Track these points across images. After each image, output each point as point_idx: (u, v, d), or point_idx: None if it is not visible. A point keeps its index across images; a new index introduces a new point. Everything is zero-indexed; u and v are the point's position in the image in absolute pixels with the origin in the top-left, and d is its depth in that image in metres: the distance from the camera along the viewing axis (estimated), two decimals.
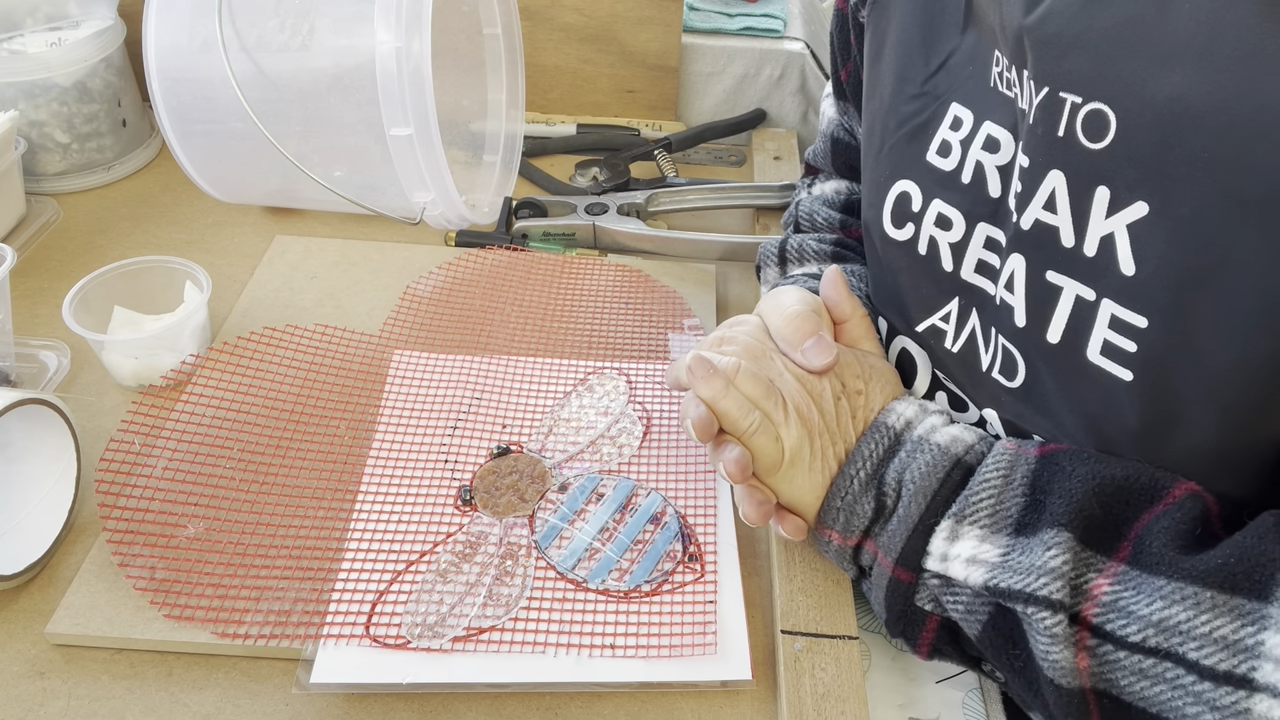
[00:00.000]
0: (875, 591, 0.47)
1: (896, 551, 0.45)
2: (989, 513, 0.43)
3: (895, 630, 0.47)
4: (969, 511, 0.44)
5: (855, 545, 0.48)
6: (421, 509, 0.58)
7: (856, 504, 0.47)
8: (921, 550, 0.44)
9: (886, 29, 0.54)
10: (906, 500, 0.45)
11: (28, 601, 0.54)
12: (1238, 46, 0.35)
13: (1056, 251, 0.42)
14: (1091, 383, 0.42)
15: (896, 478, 0.47)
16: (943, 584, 0.44)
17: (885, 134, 0.53)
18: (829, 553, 0.50)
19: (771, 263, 0.66)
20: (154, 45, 0.75)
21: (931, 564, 0.44)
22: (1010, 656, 0.42)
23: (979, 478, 0.44)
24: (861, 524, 0.47)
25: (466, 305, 0.74)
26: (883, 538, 0.46)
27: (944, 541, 0.44)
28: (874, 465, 0.47)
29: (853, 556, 0.49)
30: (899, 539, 0.45)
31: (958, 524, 0.44)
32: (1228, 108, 0.35)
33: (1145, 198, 0.38)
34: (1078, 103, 0.40)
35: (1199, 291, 0.37)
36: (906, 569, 0.45)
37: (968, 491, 0.44)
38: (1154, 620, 0.37)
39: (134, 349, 0.66)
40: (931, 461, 0.46)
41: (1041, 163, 0.42)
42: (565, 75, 1.00)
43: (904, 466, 0.47)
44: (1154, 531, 0.39)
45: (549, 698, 0.50)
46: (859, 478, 0.48)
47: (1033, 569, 0.40)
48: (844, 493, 0.48)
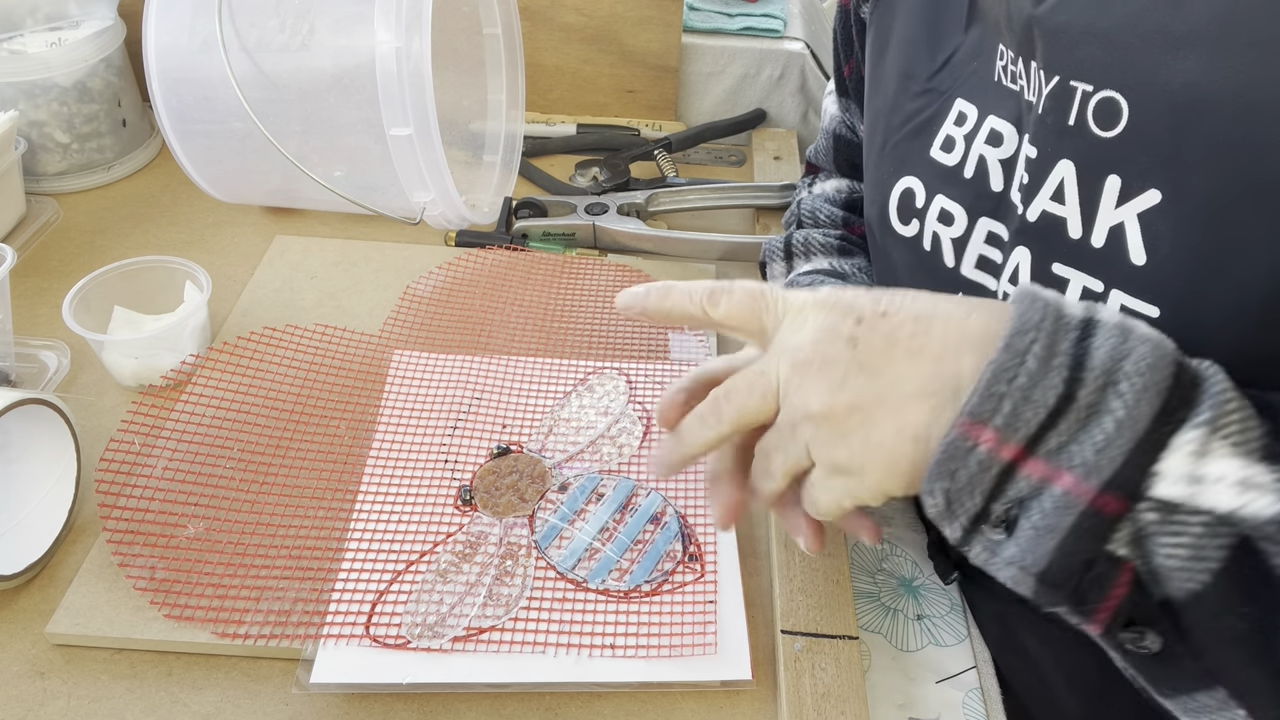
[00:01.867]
0: (1035, 541, 0.34)
1: (1112, 468, 0.33)
2: (1240, 429, 0.33)
3: (1059, 592, 0.34)
4: (1222, 421, 0.33)
5: (1011, 460, 0.34)
6: (421, 509, 0.58)
7: (1035, 386, 0.33)
8: (1147, 469, 0.33)
9: (890, 26, 0.54)
10: (1130, 397, 0.33)
11: (28, 601, 0.54)
12: (1253, 31, 0.35)
13: (1063, 243, 0.42)
14: None
15: (1108, 364, 0.33)
16: (1163, 518, 0.33)
17: (889, 131, 0.53)
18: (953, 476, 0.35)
19: (777, 258, 0.66)
20: (154, 45, 0.75)
21: (1165, 489, 0.32)
22: (1235, 616, 0.32)
23: (1217, 383, 0.34)
24: (1037, 417, 0.33)
25: (466, 305, 0.74)
26: (1078, 451, 0.33)
27: (1189, 458, 0.32)
28: (1050, 335, 0.34)
29: (994, 486, 0.34)
30: (1117, 451, 0.32)
31: (1210, 435, 0.32)
32: (1243, 93, 0.35)
33: (1158, 185, 0.38)
34: (1089, 91, 0.40)
35: (1212, 279, 0.37)
36: (1119, 494, 0.33)
37: (1215, 394, 0.33)
38: None
39: (134, 349, 0.66)
40: (1155, 353, 0.33)
41: (1050, 153, 0.42)
42: (565, 75, 1.00)
43: (1118, 354, 0.33)
44: None
45: (549, 698, 0.50)
46: (1034, 351, 0.34)
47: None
48: (1014, 373, 0.34)
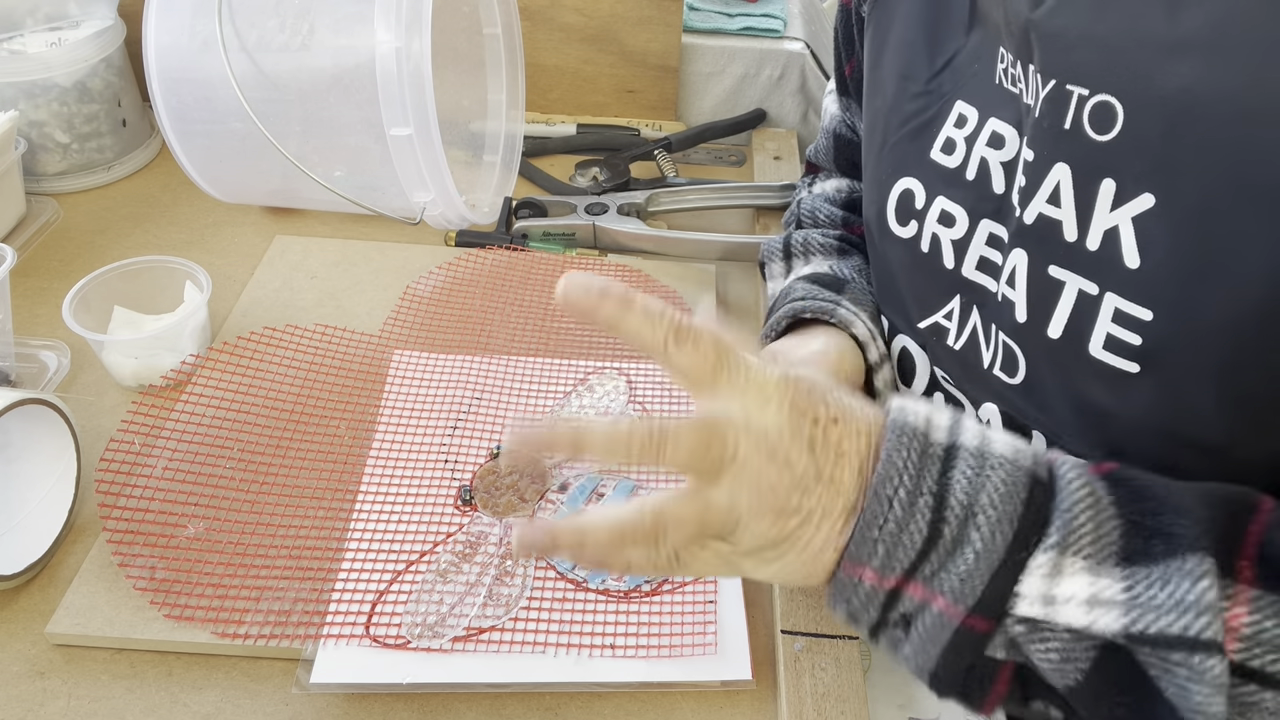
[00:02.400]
0: (922, 647, 0.37)
1: (974, 596, 0.35)
2: (1091, 539, 0.35)
3: (949, 688, 0.37)
4: (1071, 541, 0.35)
5: (894, 588, 0.37)
6: (421, 509, 0.58)
7: (903, 531, 0.36)
8: (1008, 592, 0.35)
9: (889, 27, 0.54)
10: (988, 530, 0.35)
11: (28, 601, 0.54)
12: (1247, 36, 0.35)
13: (1059, 246, 0.42)
14: (1093, 378, 0.42)
15: (965, 499, 0.36)
16: (1030, 630, 0.35)
17: (888, 131, 0.54)
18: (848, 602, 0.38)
19: (777, 259, 0.66)
20: (154, 45, 0.75)
21: (1025, 608, 0.35)
22: (1112, 704, 0.35)
23: (1068, 496, 0.36)
24: (909, 557, 0.36)
25: (466, 305, 0.74)
26: (946, 579, 0.36)
27: (1043, 579, 0.35)
28: (914, 478, 0.36)
29: (884, 603, 0.37)
30: (978, 580, 0.35)
31: (1060, 556, 0.35)
32: (1237, 97, 0.35)
33: (1152, 189, 0.38)
34: (1085, 95, 0.40)
35: (1205, 283, 0.37)
36: (985, 616, 0.35)
37: (1063, 513, 0.35)
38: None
39: (134, 349, 0.66)
40: (1009, 480, 0.36)
41: (1046, 156, 0.43)
42: (565, 75, 1.00)
43: (974, 487, 0.36)
44: (1277, 544, 0.35)
45: (549, 698, 0.50)
46: (899, 497, 0.36)
47: (1183, 605, 0.33)
48: (883, 519, 0.36)
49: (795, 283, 0.61)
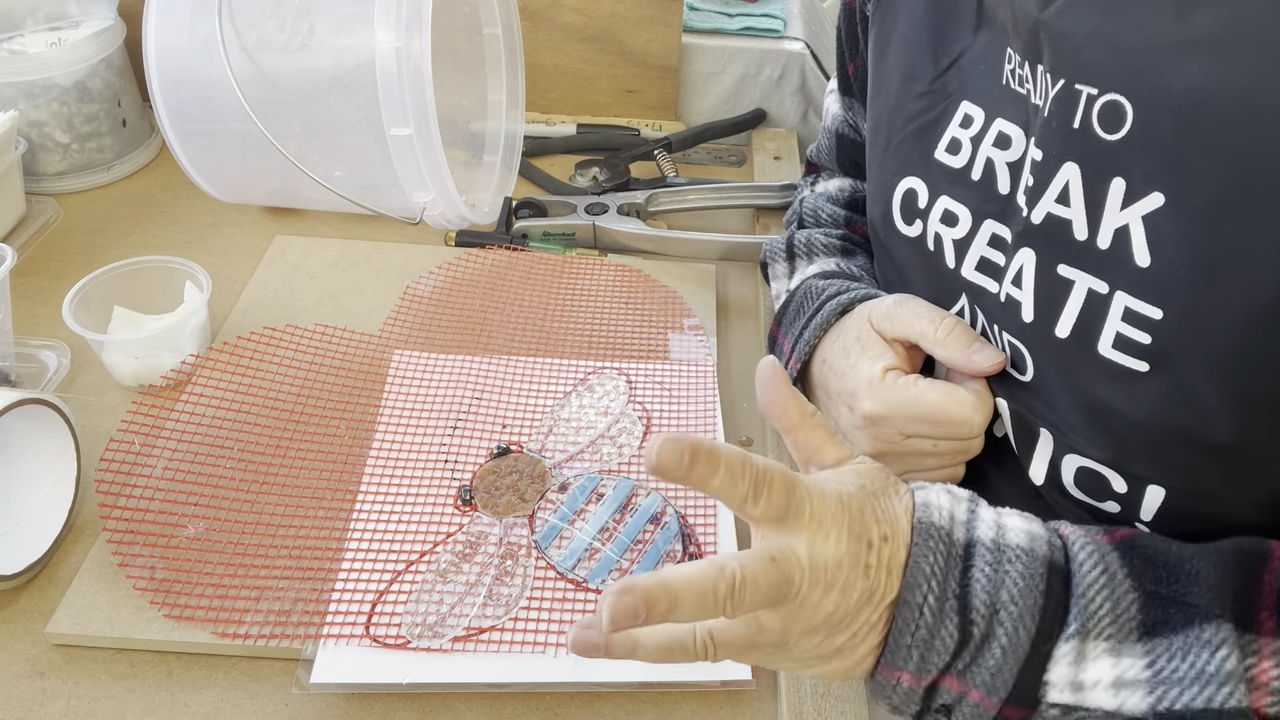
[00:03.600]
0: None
1: (1006, 688, 0.37)
2: (1111, 620, 0.37)
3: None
4: (1091, 626, 0.37)
5: (932, 684, 0.39)
6: (421, 509, 0.58)
7: (935, 637, 0.37)
8: (1038, 682, 0.37)
9: (893, 26, 0.54)
10: (1010, 626, 0.37)
11: (28, 601, 0.54)
12: (1257, 35, 0.35)
13: (1069, 245, 0.42)
14: (1102, 377, 0.42)
15: (987, 599, 0.37)
16: (1064, 713, 0.37)
17: (891, 131, 0.53)
18: (889, 699, 0.40)
19: (779, 259, 0.66)
20: (154, 45, 0.75)
21: (1056, 695, 0.37)
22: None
23: (1083, 579, 0.38)
24: (943, 659, 0.38)
25: (466, 305, 0.74)
26: (978, 673, 0.38)
27: (1069, 667, 0.37)
28: (940, 582, 0.38)
29: (925, 699, 0.39)
30: (1008, 673, 0.37)
31: (1083, 642, 0.37)
32: (1247, 96, 0.35)
33: (1161, 188, 0.38)
34: (1094, 94, 0.40)
35: (1215, 281, 0.37)
36: (1019, 705, 0.37)
37: (1080, 598, 0.37)
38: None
39: (134, 349, 0.66)
40: (1026, 573, 0.37)
41: (1055, 155, 0.42)
42: (565, 75, 1.00)
43: (994, 584, 0.38)
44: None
45: (549, 698, 0.50)
46: (929, 604, 0.38)
47: (1205, 677, 0.34)
48: (915, 626, 0.38)
49: (812, 280, 0.61)
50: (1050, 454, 0.46)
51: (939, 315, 0.50)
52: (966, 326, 0.49)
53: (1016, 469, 0.49)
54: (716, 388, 0.68)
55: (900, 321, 0.51)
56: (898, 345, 0.52)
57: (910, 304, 0.51)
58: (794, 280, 0.64)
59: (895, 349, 0.51)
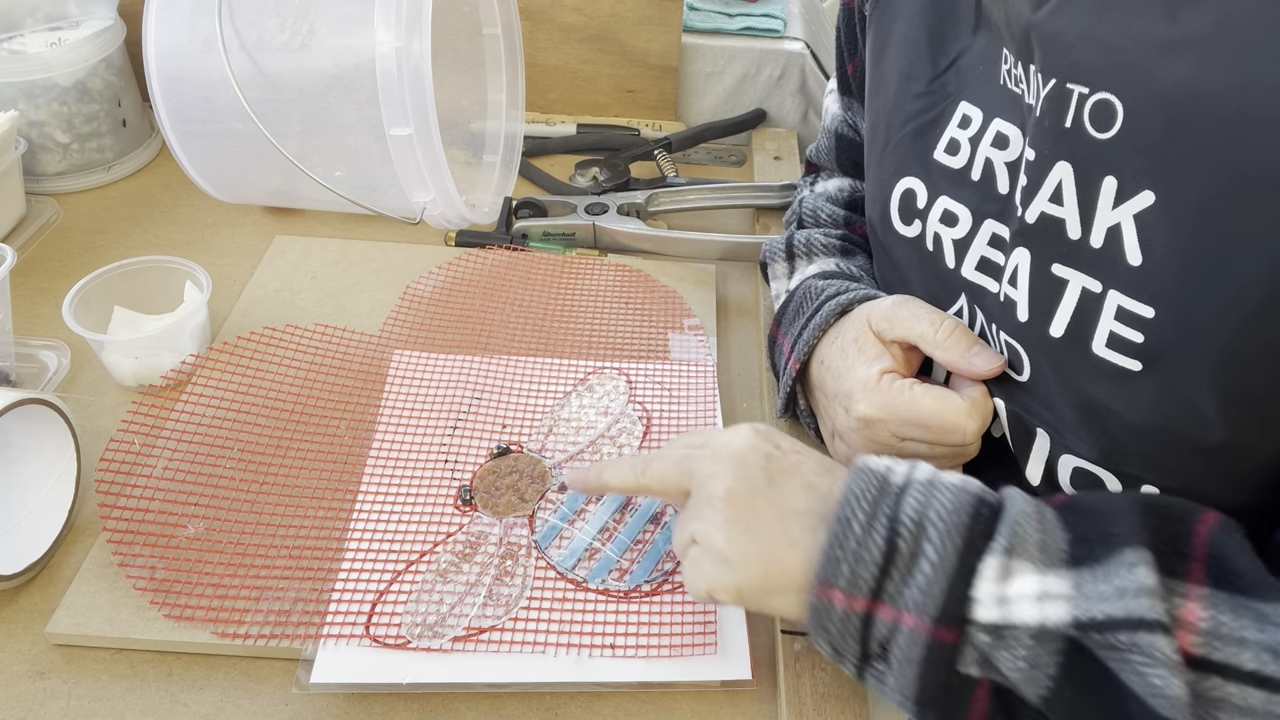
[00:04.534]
0: (901, 671, 0.38)
1: (936, 605, 0.37)
2: (1039, 545, 0.38)
3: (932, 713, 0.39)
4: (1017, 545, 0.37)
5: (865, 611, 0.39)
6: (421, 509, 0.58)
7: (863, 548, 0.39)
8: (966, 598, 0.37)
9: (890, 27, 0.54)
10: (937, 539, 0.38)
11: (28, 601, 0.54)
12: (1245, 34, 0.35)
13: (1063, 244, 0.42)
14: (1096, 376, 0.42)
15: (914, 517, 0.39)
16: (995, 638, 0.37)
17: (890, 131, 0.53)
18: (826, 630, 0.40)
19: (779, 259, 0.66)
20: (154, 45, 0.75)
21: (983, 613, 0.37)
22: (1089, 708, 0.36)
23: (1012, 509, 0.39)
24: (870, 574, 0.39)
25: (466, 305, 0.74)
26: (909, 594, 0.38)
27: (995, 583, 0.37)
28: (870, 504, 0.40)
29: (860, 631, 0.39)
30: (937, 590, 0.37)
31: (1008, 559, 0.37)
32: (1236, 93, 0.35)
33: (1152, 187, 0.39)
34: (1085, 93, 0.40)
35: (1207, 279, 0.37)
36: (949, 625, 0.37)
37: (1009, 522, 0.38)
38: (1268, 645, 0.33)
39: (134, 349, 0.66)
40: (955, 498, 0.39)
41: (1048, 155, 0.43)
42: (565, 75, 1.00)
43: (923, 505, 0.39)
44: (1227, 547, 0.36)
45: (549, 698, 0.50)
46: (858, 518, 0.40)
47: (1123, 590, 0.35)
48: (844, 538, 0.39)
49: (811, 280, 0.61)
50: (1047, 455, 0.47)
51: (938, 317, 0.50)
52: (966, 329, 0.49)
53: (1014, 470, 0.49)
54: (716, 388, 0.68)
55: (899, 323, 0.51)
56: (895, 347, 0.52)
57: (909, 305, 0.51)
58: (793, 280, 0.64)
59: (893, 351, 0.51)
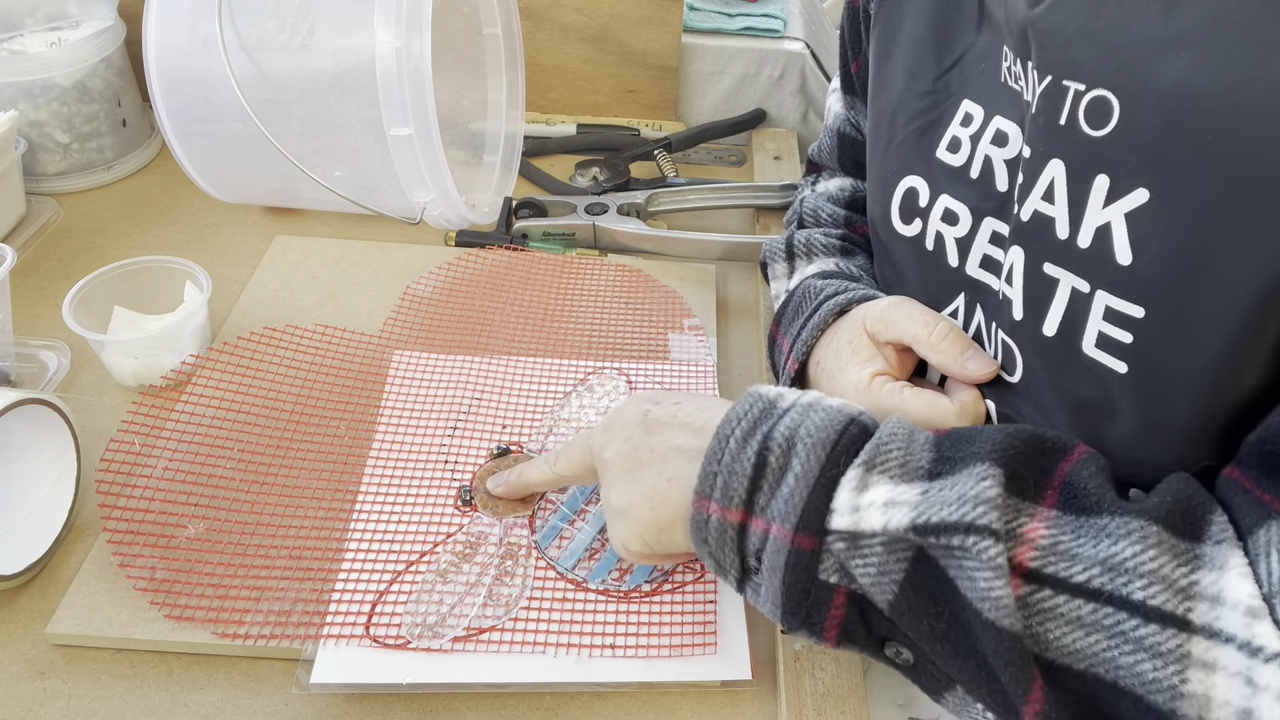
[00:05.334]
0: (770, 580, 0.41)
1: (796, 514, 0.39)
2: (899, 462, 0.40)
3: (795, 619, 0.41)
4: (878, 460, 0.40)
5: (739, 523, 0.41)
6: (421, 509, 0.58)
7: (735, 462, 0.41)
8: (825, 508, 0.39)
9: (898, 26, 0.54)
10: (803, 454, 0.40)
11: (28, 601, 0.54)
12: (1242, 31, 0.35)
13: (1052, 243, 0.42)
14: (1086, 376, 0.42)
15: (786, 434, 0.41)
16: (849, 546, 0.39)
17: (893, 130, 0.53)
18: (706, 543, 0.43)
19: (779, 259, 0.66)
20: (154, 45, 0.75)
21: (838, 521, 0.39)
22: (932, 618, 0.38)
23: (883, 430, 0.41)
24: (742, 485, 0.41)
25: (466, 305, 0.74)
26: (775, 505, 0.40)
27: (852, 493, 0.39)
28: (750, 423, 0.42)
29: (737, 542, 0.42)
30: (798, 498, 0.39)
31: (866, 472, 0.39)
32: (1232, 91, 0.35)
33: (1146, 184, 0.38)
34: (1080, 90, 0.40)
35: (1198, 278, 0.37)
36: (808, 533, 0.39)
37: (875, 440, 0.40)
38: (1100, 559, 0.35)
39: (134, 349, 0.66)
40: (827, 417, 0.41)
41: (1042, 152, 0.43)
42: (565, 75, 1.00)
43: (795, 424, 0.41)
44: (1083, 476, 0.38)
45: (549, 698, 0.50)
46: (735, 436, 0.42)
47: (964, 499, 0.37)
48: (720, 454, 0.42)
49: (810, 280, 0.61)
50: None
51: (933, 319, 0.50)
52: (960, 332, 0.50)
53: None
54: (716, 388, 0.68)
55: (894, 325, 0.51)
56: (889, 349, 0.52)
57: (904, 307, 0.51)
58: (793, 280, 0.64)
59: (886, 353, 0.52)
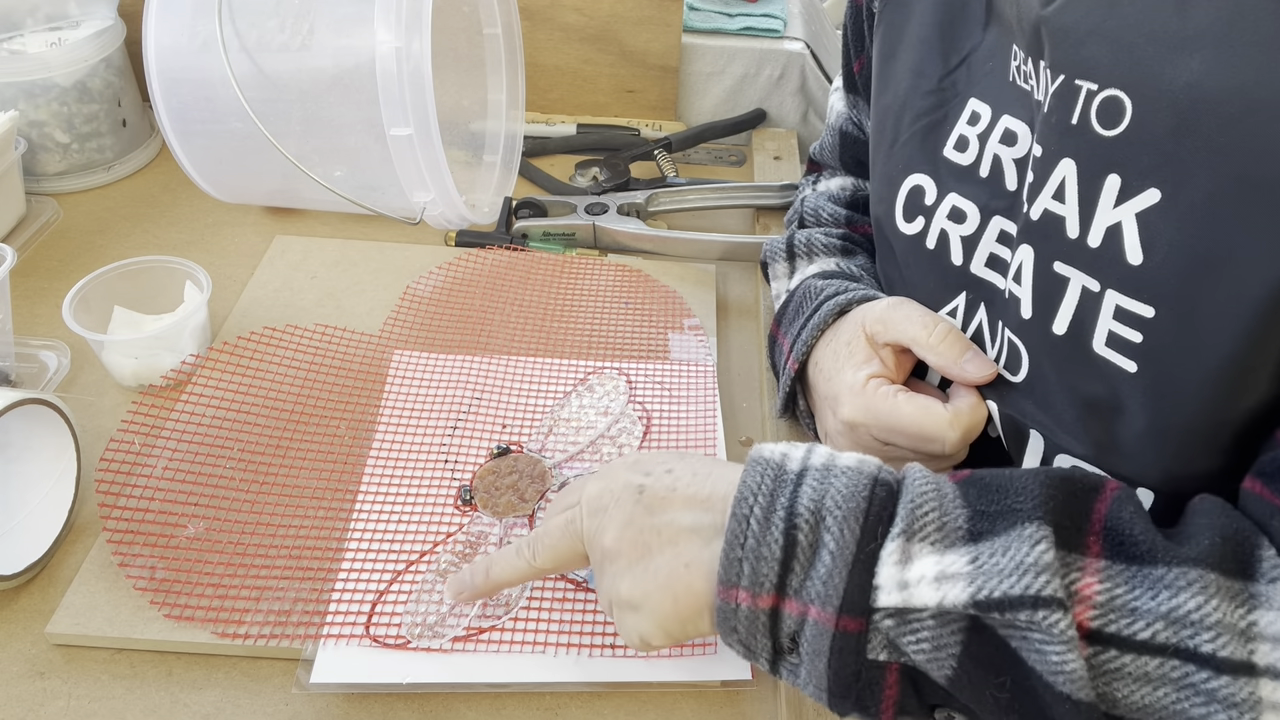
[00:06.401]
0: (812, 664, 0.38)
1: (838, 596, 0.36)
2: (937, 525, 0.37)
3: (846, 702, 0.38)
4: (916, 527, 0.37)
5: (772, 607, 0.38)
6: (421, 509, 0.58)
7: (761, 544, 0.38)
8: (868, 586, 0.36)
9: (903, 25, 0.54)
10: (835, 529, 0.37)
11: (28, 601, 0.54)
12: (1256, 31, 0.35)
13: (1063, 242, 0.42)
14: (1096, 375, 0.42)
15: (811, 507, 0.38)
16: (898, 622, 0.36)
17: (899, 128, 0.53)
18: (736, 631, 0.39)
19: (780, 259, 0.66)
20: (154, 45, 0.75)
21: (885, 599, 0.36)
22: (995, 689, 0.36)
23: (911, 490, 0.38)
24: (772, 570, 0.38)
25: (466, 305, 0.74)
26: (812, 587, 0.37)
27: (895, 567, 0.36)
28: (766, 498, 0.39)
29: (769, 627, 0.39)
30: (838, 579, 0.37)
31: (907, 542, 0.37)
32: (1245, 92, 0.35)
33: (1158, 184, 0.38)
34: (1093, 90, 0.40)
35: (1209, 278, 0.37)
36: (853, 615, 0.36)
37: (907, 504, 0.38)
38: (1162, 613, 0.34)
39: (134, 349, 0.66)
40: (850, 483, 0.38)
41: (1054, 151, 0.43)
42: (565, 75, 1.00)
43: (819, 494, 0.38)
44: (1122, 518, 0.37)
45: (549, 698, 0.50)
46: (755, 515, 0.39)
47: (1023, 568, 0.35)
48: (743, 537, 0.38)
49: (811, 280, 0.61)
50: (1041, 455, 0.47)
51: (932, 321, 0.50)
52: (959, 334, 0.49)
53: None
54: (716, 388, 0.68)
55: (893, 326, 0.51)
56: (888, 350, 0.52)
57: (904, 308, 0.51)
58: (794, 280, 0.64)
59: (884, 355, 0.52)
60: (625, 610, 0.43)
